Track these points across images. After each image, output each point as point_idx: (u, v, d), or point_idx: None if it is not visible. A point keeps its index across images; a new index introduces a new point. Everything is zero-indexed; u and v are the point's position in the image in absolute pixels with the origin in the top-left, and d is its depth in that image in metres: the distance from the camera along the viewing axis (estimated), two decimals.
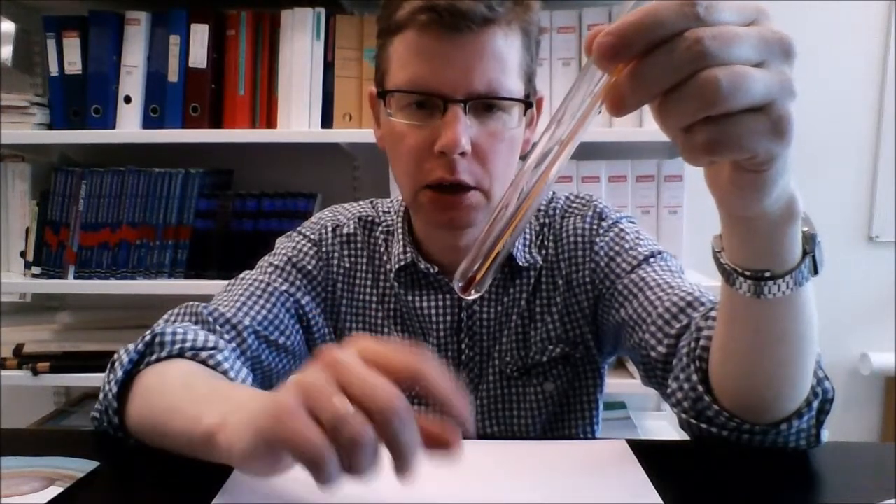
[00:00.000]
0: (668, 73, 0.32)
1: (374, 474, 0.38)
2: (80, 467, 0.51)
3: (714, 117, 0.33)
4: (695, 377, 0.58)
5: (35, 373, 1.45)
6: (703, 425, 0.58)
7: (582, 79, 0.35)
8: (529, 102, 0.70)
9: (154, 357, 0.62)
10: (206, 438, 0.46)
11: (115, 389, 0.59)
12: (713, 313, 0.60)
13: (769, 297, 0.47)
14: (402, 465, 0.38)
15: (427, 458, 0.39)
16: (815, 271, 0.47)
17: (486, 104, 0.67)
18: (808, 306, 0.50)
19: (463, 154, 0.66)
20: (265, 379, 0.74)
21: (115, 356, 0.63)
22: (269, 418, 0.39)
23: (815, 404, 0.55)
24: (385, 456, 0.38)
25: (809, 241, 0.47)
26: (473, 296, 0.38)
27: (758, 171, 0.38)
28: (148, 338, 0.63)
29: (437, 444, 0.39)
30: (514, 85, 0.67)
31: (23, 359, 1.48)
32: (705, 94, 0.32)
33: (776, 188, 0.39)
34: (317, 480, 0.38)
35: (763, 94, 0.33)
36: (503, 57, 0.66)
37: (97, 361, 1.42)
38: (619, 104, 0.33)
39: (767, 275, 0.46)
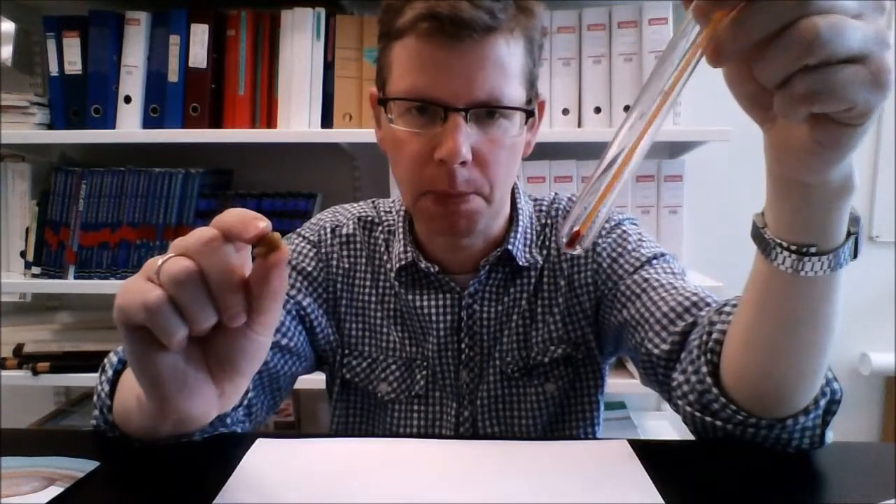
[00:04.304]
0: (769, 20, 0.33)
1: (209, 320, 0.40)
2: (80, 467, 0.51)
3: (812, 67, 0.34)
4: (704, 369, 0.58)
5: (35, 373, 1.45)
6: (708, 418, 0.58)
7: (678, 36, 0.36)
8: (531, 111, 0.70)
9: None
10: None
11: (106, 389, 0.60)
12: (727, 308, 0.60)
13: (808, 273, 0.46)
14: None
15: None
16: (855, 254, 0.47)
17: (487, 111, 0.66)
18: (838, 295, 0.50)
19: (463, 163, 0.66)
20: (272, 381, 0.74)
21: (107, 357, 0.63)
22: (117, 298, 0.42)
23: (823, 403, 0.55)
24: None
25: (854, 222, 0.47)
26: (578, 251, 0.39)
27: (851, 126, 0.38)
28: None
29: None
30: (515, 92, 0.67)
31: (23, 359, 1.48)
32: (805, 41, 0.33)
33: (853, 150, 0.39)
34: (161, 337, 0.39)
35: (860, 45, 0.34)
36: (505, 64, 0.65)
37: (97, 361, 1.39)
38: (720, 51, 0.34)
39: (813, 250, 0.46)
